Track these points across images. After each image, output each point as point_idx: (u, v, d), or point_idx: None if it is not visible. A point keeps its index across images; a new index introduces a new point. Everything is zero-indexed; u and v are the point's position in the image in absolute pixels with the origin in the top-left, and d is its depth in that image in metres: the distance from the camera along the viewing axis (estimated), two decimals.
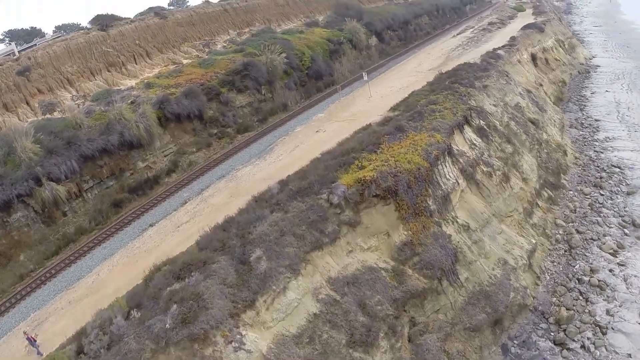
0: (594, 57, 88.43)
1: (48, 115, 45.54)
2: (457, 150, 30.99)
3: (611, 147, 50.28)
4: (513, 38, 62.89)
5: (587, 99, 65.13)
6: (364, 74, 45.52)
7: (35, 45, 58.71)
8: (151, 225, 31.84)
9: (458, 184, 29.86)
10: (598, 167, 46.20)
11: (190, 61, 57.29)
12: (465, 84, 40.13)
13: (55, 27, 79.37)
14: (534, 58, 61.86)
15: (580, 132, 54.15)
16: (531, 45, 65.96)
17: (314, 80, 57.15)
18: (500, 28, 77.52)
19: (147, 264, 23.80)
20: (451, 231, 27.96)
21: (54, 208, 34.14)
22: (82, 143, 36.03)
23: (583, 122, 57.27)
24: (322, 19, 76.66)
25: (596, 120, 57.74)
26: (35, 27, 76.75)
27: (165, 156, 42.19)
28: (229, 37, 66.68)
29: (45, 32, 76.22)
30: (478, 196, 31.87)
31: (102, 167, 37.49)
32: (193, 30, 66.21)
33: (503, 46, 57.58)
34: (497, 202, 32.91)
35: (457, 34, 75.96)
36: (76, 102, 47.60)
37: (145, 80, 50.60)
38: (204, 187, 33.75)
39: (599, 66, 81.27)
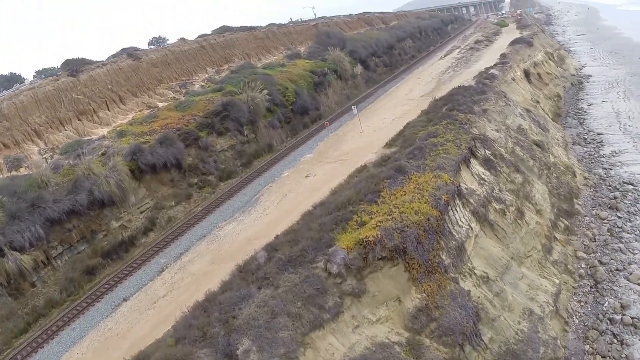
0: (583, 66, 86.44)
1: (14, 172, 41.65)
2: (466, 189, 27.40)
3: (619, 162, 47.04)
4: (503, 55, 60.33)
5: (585, 111, 62.30)
6: (353, 107, 42.13)
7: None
8: (125, 300, 27.65)
9: (471, 229, 26.15)
10: (610, 186, 42.83)
11: (166, 104, 53.78)
12: (463, 110, 36.88)
13: (36, 72, 75.87)
14: (527, 74, 59.19)
15: (585, 149, 50.97)
16: (522, 61, 63.46)
17: (300, 115, 53.86)
18: (487, 45, 75.30)
19: (119, 354, 20.71)
20: (469, 286, 24.09)
21: (21, 279, 30.11)
22: (47, 205, 31.98)
23: (585, 137, 54.21)
24: (304, 50, 74.00)
25: (598, 134, 54.72)
26: (15, 73, 73.12)
27: (141, 212, 38.24)
28: (207, 75, 63.51)
29: (25, 78, 72.70)
30: (494, 239, 28.17)
31: (71, 231, 33.36)
32: (169, 71, 62.96)
33: (495, 65, 54.85)
34: (514, 243, 29.23)
35: (445, 55, 73.51)
36: (44, 156, 43.62)
37: (118, 128, 46.89)
38: (183, 251, 29.73)
39: (591, 76, 79.05)
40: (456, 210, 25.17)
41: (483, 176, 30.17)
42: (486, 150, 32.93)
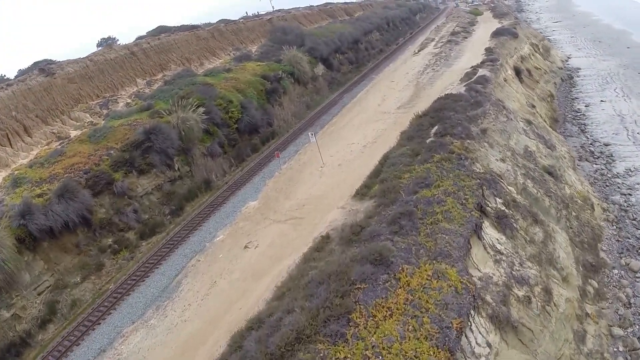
0: (569, 57, 78.12)
1: None
2: (480, 280, 17.59)
3: (638, 184, 38.50)
4: (489, 50, 50.99)
5: (583, 114, 53.47)
6: (310, 134, 31.54)
7: None
8: None
9: (490, 347, 16.43)
10: (634, 220, 33.97)
11: (80, 133, 42.52)
12: (459, 134, 27.15)
13: None
14: (517, 72, 50.03)
15: (595, 166, 41.99)
16: (509, 56, 54.31)
17: (248, 135, 43.31)
18: (466, 37, 65.99)
19: None
20: None
21: None
22: None
23: (592, 149, 45.29)
24: (256, 50, 63.22)
25: (605, 145, 45.91)
26: None
27: (38, 295, 27.36)
28: (136, 88, 52.16)
29: None
30: (517, 347, 18.53)
31: None
32: (90, 86, 51.22)
33: (482, 62, 45.39)
34: (543, 344, 19.68)
35: (419, 50, 63.78)
36: None
37: (16, 172, 35.55)
38: None
39: (580, 68, 70.67)
40: (471, 330, 15.33)
41: (499, 246, 20.42)
42: (497, 199, 23.22)
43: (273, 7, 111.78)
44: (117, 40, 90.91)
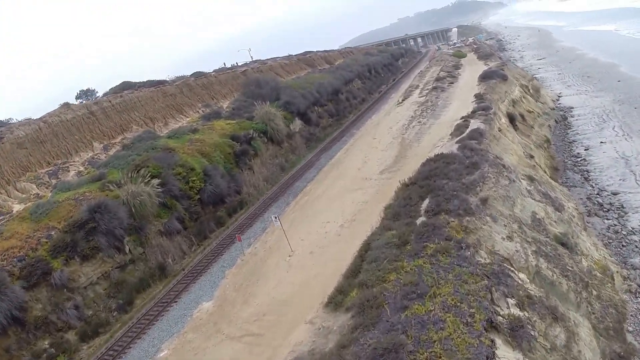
0: (560, 96, 74.48)
1: None
2: None
3: None
4: (479, 96, 46.75)
5: (584, 159, 48.74)
6: (273, 218, 25.99)
7: None
8: None
9: None
10: None
11: (22, 208, 37.11)
12: (455, 210, 21.94)
13: None
14: (511, 119, 45.61)
15: (606, 222, 36.74)
16: (500, 101, 50.15)
17: (212, 207, 37.95)
18: (452, 83, 62.15)
19: None
20: None
21: None
22: None
23: (600, 201, 40.19)
24: (227, 106, 58.85)
25: (614, 194, 40.85)
26: None
27: None
28: (92, 153, 47.07)
29: None
30: None
31: None
32: (41, 152, 46.08)
33: (474, 112, 40.87)
34: None
35: (402, 100, 59.60)
36: None
37: None
38: None
39: (573, 107, 66.67)
40: None
41: None
42: (509, 301, 17.78)
43: (252, 57, 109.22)
44: (97, 92, 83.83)
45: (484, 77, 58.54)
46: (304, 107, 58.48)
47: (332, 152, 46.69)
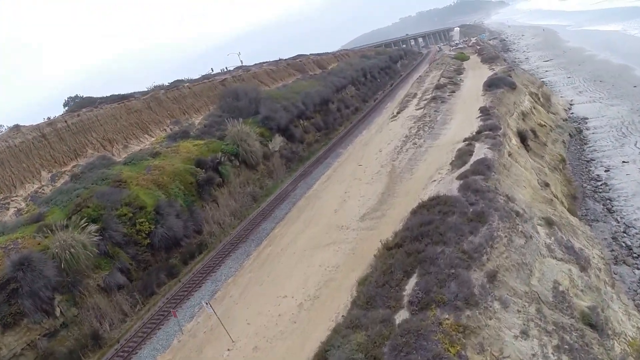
0: (572, 104, 67.86)
1: None
2: None
3: None
4: (485, 111, 40.29)
5: (605, 184, 41.99)
6: (204, 304, 19.34)
7: None
8: None
9: None
10: None
11: None
12: (451, 301, 15.62)
13: None
14: (523, 139, 39.12)
15: (636, 271, 30.25)
16: (509, 114, 43.71)
17: (165, 252, 31.59)
18: (454, 92, 55.62)
19: None
20: None
21: None
22: None
23: (628, 242, 33.07)
24: (200, 122, 52.47)
25: None
26: None
27: None
28: (38, 185, 40.75)
29: None
30: None
31: None
32: None
33: (479, 132, 34.38)
34: None
35: (397, 112, 53.02)
36: None
37: None
38: None
39: (587, 118, 59.98)
40: None
41: None
42: None
43: (242, 61, 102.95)
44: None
45: (490, 85, 52.05)
46: (285, 121, 52.01)
47: (311, 180, 39.98)
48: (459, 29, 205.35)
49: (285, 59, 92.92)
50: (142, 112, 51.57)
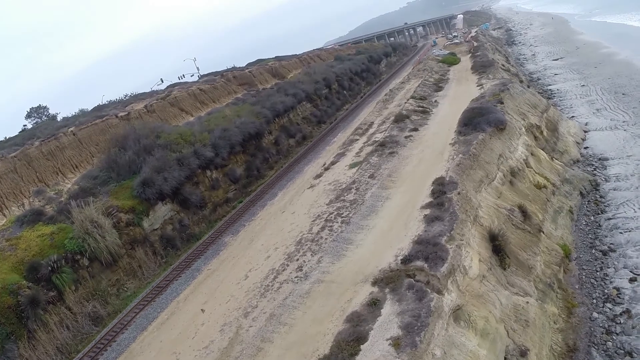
0: (586, 131, 51.23)
1: None
2: None
3: None
4: (440, 192, 24.54)
5: (628, 311, 24.58)
6: None
7: None
8: None
9: None
10: None
11: None
12: None
13: None
14: (497, 249, 23.24)
15: None
16: (484, 186, 27.98)
17: None
18: (417, 130, 39.41)
19: None
20: None
21: None
22: None
23: None
24: (69, 188, 37.59)
25: None
26: None
27: None
28: None
29: None
30: None
31: None
32: None
33: (406, 261, 18.70)
34: None
35: (326, 168, 36.50)
36: None
37: None
38: None
39: (607, 158, 42.80)
40: None
41: None
42: None
43: (198, 68, 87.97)
44: (48, 108, 72.36)
45: (467, 122, 36.08)
46: (177, 181, 36.63)
47: (167, 297, 25.14)
48: (462, 16, 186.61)
49: (238, 68, 77.25)
50: (2, 178, 36.56)
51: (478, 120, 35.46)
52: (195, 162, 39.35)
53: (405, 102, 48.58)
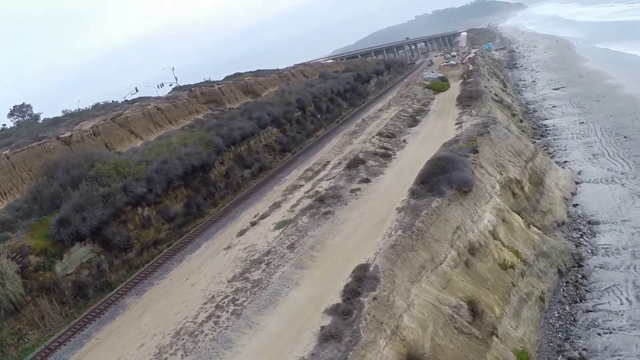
0: (578, 184, 45.08)
1: None
2: None
3: None
4: (354, 293, 18.83)
5: None
6: None
7: None
8: None
9: None
10: None
11: None
12: None
13: None
14: None
15: None
16: (416, 284, 22.19)
17: None
18: (368, 181, 33.45)
19: None
20: None
21: None
22: None
23: None
24: None
25: None
26: None
27: None
28: None
29: None
30: None
31: None
32: None
33: None
34: None
35: (255, 222, 30.54)
36: None
37: None
38: None
39: (597, 223, 36.50)
40: None
41: None
42: None
43: (176, 77, 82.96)
44: (31, 107, 71.83)
45: (425, 178, 30.35)
46: (97, 221, 31.57)
47: None
48: (466, 34, 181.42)
49: (212, 82, 71.82)
50: None
51: (438, 179, 29.65)
52: (123, 199, 34.31)
53: (369, 140, 42.87)
